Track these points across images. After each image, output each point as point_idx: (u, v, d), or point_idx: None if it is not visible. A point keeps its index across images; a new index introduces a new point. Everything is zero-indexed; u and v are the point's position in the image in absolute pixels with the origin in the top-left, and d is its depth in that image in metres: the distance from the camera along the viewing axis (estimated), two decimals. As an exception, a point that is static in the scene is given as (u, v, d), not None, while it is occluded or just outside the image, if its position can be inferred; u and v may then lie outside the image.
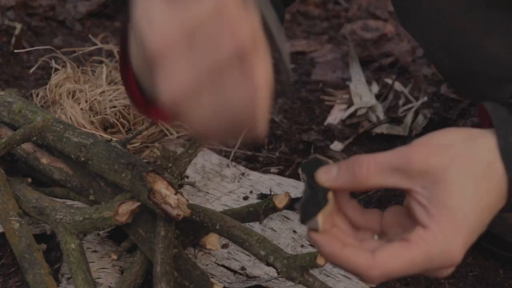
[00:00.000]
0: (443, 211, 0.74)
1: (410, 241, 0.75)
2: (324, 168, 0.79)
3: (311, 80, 1.92)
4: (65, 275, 1.12)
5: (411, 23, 1.19)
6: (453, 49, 1.16)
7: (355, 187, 0.78)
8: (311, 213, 0.78)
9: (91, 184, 1.20)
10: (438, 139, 0.78)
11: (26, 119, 1.25)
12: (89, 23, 2.14)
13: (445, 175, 0.75)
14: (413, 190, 0.76)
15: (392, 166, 0.76)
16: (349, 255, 0.75)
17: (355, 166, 0.77)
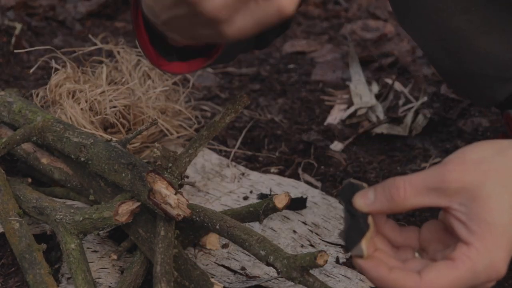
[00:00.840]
0: (484, 226, 0.76)
1: (455, 259, 0.76)
2: (361, 193, 0.81)
3: (311, 80, 1.92)
4: (65, 275, 1.12)
5: (409, 23, 1.20)
6: (450, 49, 1.17)
7: (393, 210, 0.80)
8: (354, 241, 0.80)
9: (91, 184, 1.20)
10: (471, 155, 0.79)
11: (26, 119, 1.25)
12: (89, 23, 2.14)
13: (481, 191, 0.77)
14: (451, 207, 0.78)
15: (428, 186, 0.78)
16: (397, 278, 0.77)
17: (392, 189, 0.79)
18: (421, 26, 1.17)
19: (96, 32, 2.01)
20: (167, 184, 1.06)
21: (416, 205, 0.79)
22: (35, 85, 1.69)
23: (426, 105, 1.74)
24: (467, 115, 1.71)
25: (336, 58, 2.02)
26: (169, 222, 1.07)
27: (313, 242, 1.26)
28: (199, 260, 1.19)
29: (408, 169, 1.50)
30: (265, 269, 1.18)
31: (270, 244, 1.08)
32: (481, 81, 1.19)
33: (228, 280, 1.16)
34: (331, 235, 1.28)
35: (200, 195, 1.36)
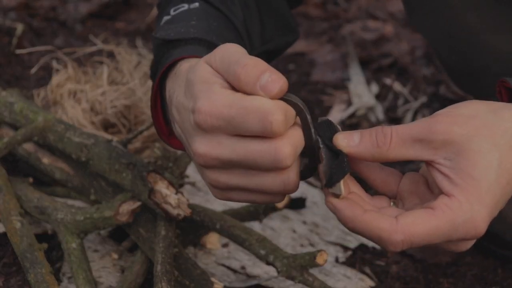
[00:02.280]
0: (468, 180, 0.73)
1: (435, 208, 0.73)
2: (345, 133, 0.78)
3: (311, 81, 1.92)
4: (66, 274, 1.13)
5: (419, 19, 1.19)
6: (458, 46, 1.17)
7: (375, 158, 0.77)
8: (336, 179, 0.76)
9: (92, 184, 1.20)
10: (462, 110, 0.77)
11: (27, 119, 1.26)
12: (90, 24, 2.14)
13: (469, 144, 0.74)
14: (435, 161, 0.75)
15: (415, 136, 0.75)
16: (371, 219, 0.74)
17: (379, 135, 0.76)
18: (431, 23, 1.17)
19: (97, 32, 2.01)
20: (168, 184, 1.07)
21: (400, 157, 0.76)
22: (36, 85, 1.69)
23: (425, 105, 1.75)
24: (466, 115, 1.71)
25: (336, 58, 2.02)
26: (169, 222, 1.08)
27: (312, 241, 1.27)
28: (199, 259, 1.19)
29: (407, 169, 1.51)
30: (265, 268, 1.19)
31: (270, 243, 1.08)
32: (487, 78, 1.18)
33: (228, 279, 1.16)
34: (330, 234, 1.29)
35: (201, 194, 1.36)
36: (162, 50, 0.95)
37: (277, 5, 1.15)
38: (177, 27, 0.96)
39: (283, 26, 1.17)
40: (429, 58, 1.99)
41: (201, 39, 0.93)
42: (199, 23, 0.97)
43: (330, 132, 0.78)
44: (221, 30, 0.99)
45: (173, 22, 0.99)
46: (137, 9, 2.25)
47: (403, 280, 1.22)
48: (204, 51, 0.90)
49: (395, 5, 2.32)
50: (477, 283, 1.23)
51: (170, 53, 0.92)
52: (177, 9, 1.02)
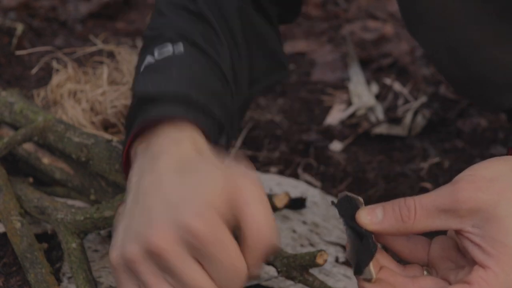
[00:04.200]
0: (501, 248, 0.71)
1: (472, 283, 0.72)
2: (367, 209, 0.77)
3: (311, 81, 1.92)
4: (66, 274, 1.13)
5: (419, 32, 1.19)
6: (460, 57, 1.16)
7: (401, 232, 0.76)
8: (364, 263, 0.75)
9: (92, 184, 1.21)
10: (483, 173, 0.75)
11: (27, 119, 1.26)
12: (90, 24, 2.14)
13: (496, 210, 0.72)
14: (464, 229, 0.74)
15: (439, 207, 0.74)
16: None
17: (402, 210, 0.75)
18: (431, 35, 1.16)
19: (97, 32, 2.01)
20: (168, 183, 1.07)
21: (427, 228, 0.75)
22: (37, 85, 1.69)
23: (425, 105, 1.75)
24: (466, 115, 1.71)
25: (336, 58, 2.02)
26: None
27: (312, 241, 1.27)
28: (199, 259, 1.19)
29: (407, 169, 1.51)
30: (265, 268, 1.19)
31: (269, 243, 1.08)
32: (490, 88, 1.18)
33: (228, 279, 1.16)
34: (330, 234, 1.29)
35: (200, 195, 1.36)
36: (138, 105, 0.92)
37: (268, 42, 1.13)
38: (157, 78, 0.94)
39: (273, 64, 1.14)
40: (429, 58, 1.99)
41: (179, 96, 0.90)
42: (181, 74, 0.94)
43: (352, 209, 0.77)
44: (205, 78, 0.96)
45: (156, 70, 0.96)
46: (137, 9, 2.25)
47: (403, 280, 1.22)
48: (182, 110, 0.89)
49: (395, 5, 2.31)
50: None
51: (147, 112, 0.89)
52: (162, 53, 0.98)
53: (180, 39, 1.00)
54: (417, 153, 1.57)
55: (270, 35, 1.13)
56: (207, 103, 0.92)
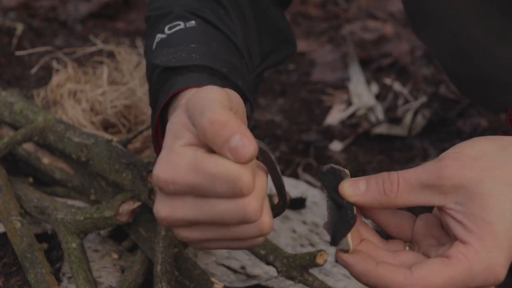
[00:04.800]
0: (483, 225, 0.71)
1: (451, 257, 0.71)
2: (350, 181, 0.76)
3: (311, 81, 1.92)
4: (66, 274, 1.13)
5: (424, 31, 1.18)
6: (465, 57, 1.15)
7: (383, 205, 0.75)
8: (341, 234, 0.74)
9: (92, 184, 1.21)
10: (468, 151, 0.74)
11: (27, 119, 1.26)
12: (90, 24, 2.14)
13: (480, 188, 0.72)
14: (446, 206, 0.73)
15: (423, 182, 0.74)
16: (385, 273, 0.72)
17: (385, 183, 0.74)
18: (436, 35, 1.15)
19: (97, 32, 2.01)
20: (168, 183, 1.07)
21: (409, 203, 0.74)
22: (37, 85, 1.70)
23: (425, 105, 1.75)
24: (466, 115, 1.71)
25: (336, 58, 2.02)
26: (169, 222, 1.08)
27: (312, 241, 1.27)
28: (199, 259, 1.19)
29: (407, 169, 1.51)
30: (265, 268, 1.19)
31: (270, 243, 1.08)
32: (494, 88, 1.17)
33: (228, 279, 1.17)
34: (330, 234, 1.29)
35: (200, 195, 1.36)
36: (163, 77, 0.92)
37: (275, 20, 1.13)
38: (177, 52, 0.92)
39: (281, 40, 1.14)
40: (429, 58, 1.99)
41: (205, 66, 0.90)
42: (199, 47, 0.93)
43: (336, 181, 0.76)
44: (222, 52, 0.96)
45: (171, 44, 0.95)
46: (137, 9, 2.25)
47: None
48: (208, 79, 0.89)
49: (395, 5, 2.32)
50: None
51: (172, 82, 0.89)
52: (172, 27, 0.98)
53: (191, 16, 0.99)
54: (417, 153, 1.57)
55: (277, 14, 1.14)
56: (230, 73, 0.92)
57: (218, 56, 0.94)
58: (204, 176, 0.69)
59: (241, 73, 0.96)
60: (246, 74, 0.99)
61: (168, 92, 0.87)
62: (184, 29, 0.97)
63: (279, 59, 1.16)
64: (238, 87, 0.93)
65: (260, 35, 1.09)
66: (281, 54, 1.15)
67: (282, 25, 1.15)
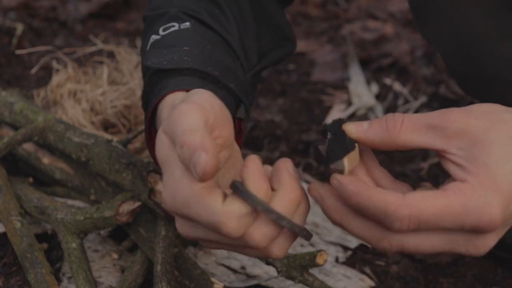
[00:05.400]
0: (483, 167, 0.70)
1: (447, 190, 0.70)
2: (354, 122, 0.75)
3: (311, 81, 1.92)
4: (66, 274, 1.13)
5: (429, 27, 1.18)
6: (470, 54, 1.15)
7: (385, 143, 0.74)
8: (336, 156, 0.73)
9: (92, 184, 1.21)
10: (477, 108, 0.74)
11: (27, 119, 1.26)
12: (90, 24, 2.14)
13: (485, 135, 0.71)
14: (448, 151, 0.72)
15: (428, 123, 0.72)
16: (376, 192, 0.71)
17: (389, 120, 0.73)
18: (441, 31, 1.15)
19: (97, 32, 2.01)
20: (168, 184, 1.07)
21: (411, 142, 0.73)
22: (37, 85, 1.70)
23: (425, 105, 1.75)
24: (466, 115, 1.71)
25: (336, 58, 2.02)
26: (169, 222, 1.08)
27: (312, 241, 1.27)
28: (199, 259, 1.19)
29: (407, 169, 1.51)
30: (265, 268, 1.19)
31: (269, 243, 1.08)
32: (498, 86, 1.17)
33: (228, 279, 1.17)
34: (330, 234, 1.29)
35: (200, 195, 1.36)
36: (154, 79, 0.92)
37: (275, 17, 1.13)
38: (169, 54, 0.93)
39: (281, 38, 1.14)
40: (429, 58, 2.00)
41: (196, 70, 0.91)
42: (192, 49, 0.94)
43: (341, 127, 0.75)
44: (216, 54, 0.96)
45: (164, 45, 0.95)
46: (137, 9, 2.25)
47: (403, 280, 1.22)
48: (199, 82, 0.89)
49: (395, 5, 2.32)
50: (477, 283, 1.24)
51: (163, 84, 0.89)
52: (167, 28, 0.98)
53: (186, 17, 0.99)
54: (417, 153, 1.57)
55: (277, 11, 1.13)
56: (222, 76, 0.92)
57: (211, 59, 0.94)
58: (194, 213, 0.72)
59: (234, 74, 0.96)
60: (241, 75, 0.99)
61: (158, 95, 0.88)
62: (178, 30, 0.97)
63: (279, 56, 1.16)
64: (230, 89, 0.93)
65: (260, 32, 1.09)
66: (281, 51, 1.15)
67: (282, 22, 1.15)
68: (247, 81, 1.02)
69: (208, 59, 0.93)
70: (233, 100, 0.94)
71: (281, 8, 1.15)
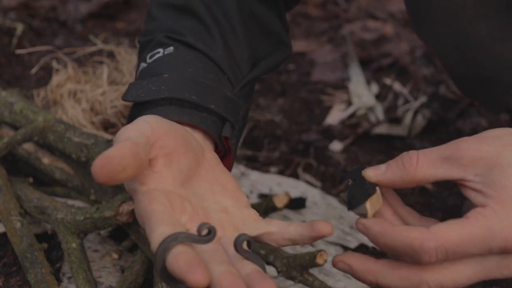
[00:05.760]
0: (502, 190, 0.71)
1: (469, 217, 0.71)
2: (373, 166, 0.78)
3: (311, 81, 1.93)
4: (66, 274, 1.13)
5: (426, 29, 1.18)
6: (468, 55, 1.15)
7: (404, 180, 0.76)
8: (359, 200, 0.76)
9: (92, 184, 1.21)
10: (487, 134, 0.76)
11: (27, 119, 1.26)
12: (90, 24, 2.14)
13: (499, 159, 0.72)
14: (466, 178, 0.74)
15: (442, 155, 0.75)
16: (401, 230, 0.72)
17: (404, 158, 0.76)
18: (438, 32, 1.15)
19: (97, 32, 2.01)
20: (168, 183, 1.07)
21: (429, 176, 0.75)
22: (37, 85, 1.70)
23: (425, 105, 1.75)
24: (466, 115, 1.72)
25: (336, 58, 2.02)
26: (169, 222, 1.08)
27: (312, 241, 1.27)
28: (199, 259, 1.19)
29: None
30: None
31: (269, 243, 1.08)
32: (497, 87, 1.17)
33: (228, 279, 1.17)
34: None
35: (200, 194, 1.36)
36: (134, 112, 0.95)
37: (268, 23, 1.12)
38: (148, 85, 0.95)
39: (275, 44, 1.14)
40: (429, 58, 2.00)
41: (172, 98, 0.92)
42: (171, 76, 0.95)
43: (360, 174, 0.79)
44: (197, 75, 0.97)
45: (149, 74, 0.98)
46: (137, 9, 2.25)
47: (403, 280, 1.22)
48: (175, 110, 0.91)
49: (395, 5, 2.32)
50: (477, 283, 1.23)
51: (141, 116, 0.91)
52: (153, 55, 1.00)
53: (170, 41, 1.02)
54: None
55: (269, 17, 1.13)
56: (200, 99, 0.94)
57: (191, 82, 0.95)
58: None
59: (218, 93, 0.97)
60: (228, 91, 1.00)
61: None
62: (162, 56, 0.99)
63: (276, 62, 1.16)
64: (211, 110, 0.94)
65: (253, 40, 1.09)
66: (278, 56, 1.16)
67: (277, 28, 1.14)
68: (236, 95, 1.02)
69: (187, 83, 0.95)
70: (218, 120, 0.95)
71: (274, 14, 1.15)
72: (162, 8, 1.08)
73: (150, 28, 1.07)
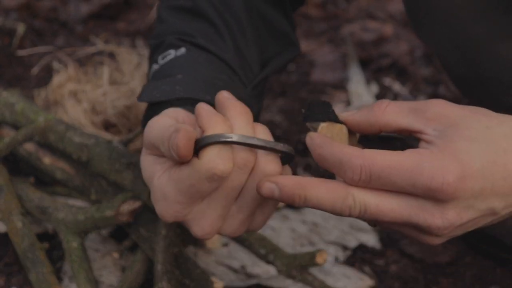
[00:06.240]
0: (448, 142, 0.72)
1: (405, 152, 0.72)
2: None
3: (311, 81, 1.93)
4: (67, 273, 1.13)
5: (425, 30, 1.18)
6: (467, 55, 1.15)
7: (369, 122, 0.78)
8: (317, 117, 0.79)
9: (92, 184, 1.21)
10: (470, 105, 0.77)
11: (28, 120, 1.26)
12: (91, 24, 2.15)
13: (461, 121, 0.73)
14: (424, 131, 0.74)
15: (411, 107, 0.76)
16: (338, 145, 0.74)
17: (376, 103, 0.78)
18: (438, 33, 1.15)
19: (97, 33, 2.02)
20: (168, 183, 1.07)
21: (393, 123, 0.76)
22: (37, 85, 1.70)
23: (425, 106, 1.75)
24: (465, 115, 1.72)
25: (336, 58, 2.03)
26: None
27: (312, 241, 1.27)
28: (199, 259, 1.20)
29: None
30: (265, 267, 1.19)
31: (270, 243, 1.09)
32: (497, 87, 1.17)
33: (228, 279, 1.17)
34: (330, 234, 1.29)
35: (201, 194, 1.36)
36: (149, 113, 0.96)
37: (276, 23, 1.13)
38: (162, 85, 0.96)
39: (284, 43, 1.15)
40: (429, 58, 2.00)
41: (187, 98, 0.94)
42: (185, 77, 0.97)
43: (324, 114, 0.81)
44: (210, 76, 0.98)
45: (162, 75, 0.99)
46: (138, 10, 2.25)
47: (402, 279, 1.22)
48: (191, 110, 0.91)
49: (395, 5, 2.32)
50: (476, 283, 1.24)
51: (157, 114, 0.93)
52: (165, 57, 1.02)
53: (181, 43, 1.02)
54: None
55: (276, 17, 1.14)
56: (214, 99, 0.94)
57: (205, 83, 0.96)
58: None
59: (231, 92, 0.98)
60: (239, 89, 1.01)
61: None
62: (175, 58, 1.01)
63: (284, 61, 1.17)
64: None
65: (261, 41, 1.10)
66: (286, 56, 1.17)
67: (285, 28, 1.15)
68: (248, 95, 1.03)
69: (201, 84, 0.96)
70: None
71: (281, 14, 1.16)
72: (172, 11, 1.08)
73: (161, 30, 1.08)
